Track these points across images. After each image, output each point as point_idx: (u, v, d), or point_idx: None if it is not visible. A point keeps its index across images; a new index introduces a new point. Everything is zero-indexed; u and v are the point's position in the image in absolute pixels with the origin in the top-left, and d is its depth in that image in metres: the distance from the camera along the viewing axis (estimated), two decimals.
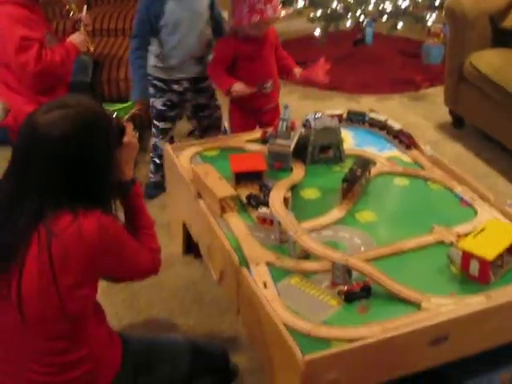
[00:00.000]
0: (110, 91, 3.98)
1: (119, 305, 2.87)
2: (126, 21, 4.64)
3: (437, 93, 4.85)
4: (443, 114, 4.54)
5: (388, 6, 4.99)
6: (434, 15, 5.14)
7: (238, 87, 3.22)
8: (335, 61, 5.31)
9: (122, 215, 2.12)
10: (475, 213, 2.57)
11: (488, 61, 4.04)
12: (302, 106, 4.61)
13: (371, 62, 5.40)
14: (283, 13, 3.32)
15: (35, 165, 1.80)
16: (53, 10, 4.62)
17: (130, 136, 2.13)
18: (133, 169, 2.17)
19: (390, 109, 4.67)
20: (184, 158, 2.91)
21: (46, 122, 1.78)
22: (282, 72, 3.43)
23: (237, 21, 3.22)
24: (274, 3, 3.17)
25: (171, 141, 3.59)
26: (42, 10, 3.54)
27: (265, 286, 2.15)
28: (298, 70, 3.41)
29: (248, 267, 2.23)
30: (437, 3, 5.10)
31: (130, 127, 2.14)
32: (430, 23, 5.16)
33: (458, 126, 4.45)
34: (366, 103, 4.77)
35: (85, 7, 3.80)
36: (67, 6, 3.71)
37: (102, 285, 1.98)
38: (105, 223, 1.84)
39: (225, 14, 3.70)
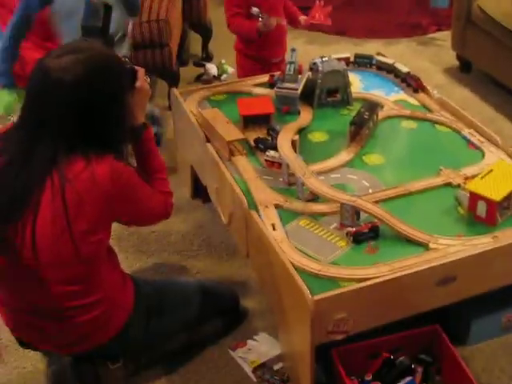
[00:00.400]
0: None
1: (130, 249, 2.90)
2: None
3: (444, 37, 4.81)
4: (450, 58, 4.51)
5: None
6: None
7: (264, 24, 3.17)
8: (341, 5, 5.28)
9: (133, 161, 2.14)
10: (483, 155, 2.57)
11: (496, 4, 3.99)
12: (309, 51, 4.58)
13: (377, 5, 5.33)
14: None
15: (48, 110, 1.80)
16: None
17: (142, 80, 2.12)
18: (145, 113, 2.18)
19: (397, 53, 4.64)
20: (192, 102, 2.91)
21: (58, 66, 1.78)
22: (289, 21, 3.41)
23: None
24: None
25: None
26: None
27: (273, 227, 2.17)
28: (302, 18, 3.38)
29: (257, 210, 2.25)
30: None
31: (141, 72, 2.13)
32: None
33: (465, 71, 4.42)
34: (372, 48, 4.73)
35: None
36: None
37: (113, 230, 2.00)
38: (117, 168, 1.85)
39: None
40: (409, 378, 2.10)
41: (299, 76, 2.81)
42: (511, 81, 3.99)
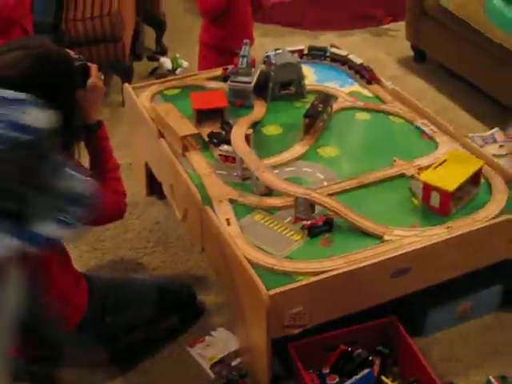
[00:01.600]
0: (68, 33, 3.89)
1: (84, 247, 2.86)
2: None
3: (398, 27, 4.81)
4: (405, 48, 4.52)
5: None
6: None
7: None
8: None
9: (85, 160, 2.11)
10: (436, 145, 2.58)
11: None
12: (263, 44, 4.55)
13: None
14: None
15: None
16: None
17: (95, 78, 2.08)
18: (99, 111, 2.14)
19: (352, 45, 4.63)
20: (144, 97, 2.87)
21: (4, 63, 1.75)
22: (257, 4, 3.39)
23: None
24: None
25: None
26: None
27: (228, 222, 2.16)
28: None
29: (211, 205, 2.24)
30: None
31: (94, 69, 2.09)
32: None
33: (419, 61, 4.44)
34: (327, 40, 4.72)
35: None
36: None
37: None
38: None
39: None
40: (366, 370, 2.10)
41: (253, 69, 2.79)
42: (465, 70, 4.02)
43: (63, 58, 1.89)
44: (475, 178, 2.31)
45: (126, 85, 2.99)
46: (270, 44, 4.49)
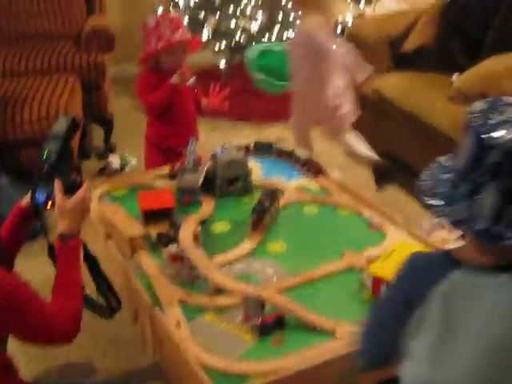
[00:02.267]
0: (14, 134, 3.90)
1: (32, 353, 2.79)
2: (30, 61, 4.57)
3: None
4: None
5: (291, 35, 5.04)
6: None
7: (178, 74, 3.19)
8: (243, 91, 5.36)
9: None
10: (384, 236, 2.60)
11: (390, 84, 4.12)
12: (212, 138, 4.60)
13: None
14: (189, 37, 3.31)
15: None
16: None
17: (84, 192, 2.14)
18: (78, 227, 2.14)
19: None
20: (92, 198, 2.86)
21: None
22: (196, 108, 3.44)
23: (147, 51, 3.23)
24: (182, 31, 3.19)
25: None
26: None
27: (178, 325, 2.12)
28: (204, 101, 3.42)
29: (161, 307, 2.21)
30: (338, 30, 5.18)
31: (87, 186, 2.16)
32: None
33: None
34: (276, 131, 4.80)
35: None
36: None
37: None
38: (1, 280, 1.78)
39: None
40: None
41: (199, 166, 2.81)
42: (409, 159, 4.09)
43: None
44: None
45: None
46: (219, 138, 4.55)
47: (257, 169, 3.07)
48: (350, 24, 5.02)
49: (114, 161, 4.28)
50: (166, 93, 3.22)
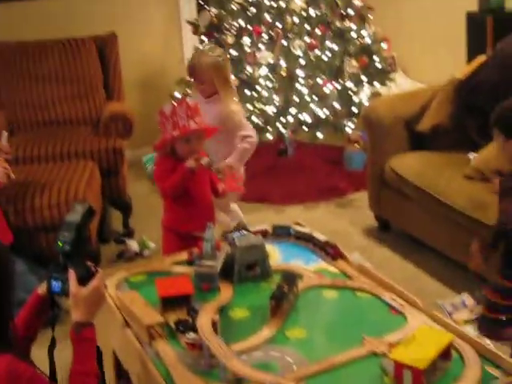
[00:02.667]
0: (33, 219, 3.93)
1: None
2: (49, 146, 4.65)
3: (361, 198, 4.92)
4: (369, 218, 4.60)
5: (307, 117, 5.10)
6: (352, 123, 5.27)
7: (190, 162, 3.21)
8: (260, 173, 5.41)
9: None
10: (405, 319, 2.56)
11: (407, 164, 4.14)
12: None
13: (296, 171, 5.48)
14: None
15: None
16: None
17: (99, 281, 2.15)
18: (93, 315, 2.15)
19: (318, 217, 4.73)
20: (110, 284, 2.86)
21: None
22: (213, 192, 3.45)
23: (162, 138, 3.26)
24: (198, 119, 3.22)
25: None
26: None
27: None
28: (221, 185, 3.44)
29: None
30: (354, 111, 5.23)
31: (101, 275, 2.18)
32: (349, 131, 5.28)
33: (384, 230, 4.51)
34: (293, 213, 4.82)
35: (5, 135, 3.80)
36: None
37: None
38: (16, 369, 1.77)
39: None
40: None
41: (218, 252, 2.81)
42: (428, 237, 4.08)
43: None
44: (446, 352, 2.28)
45: None
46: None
47: (275, 253, 3.06)
48: (365, 104, 5.06)
49: (133, 245, 4.31)
50: (180, 177, 3.24)
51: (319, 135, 5.17)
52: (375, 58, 5.36)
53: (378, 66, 5.37)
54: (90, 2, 5.84)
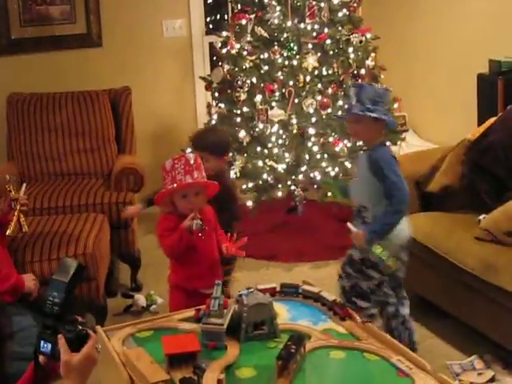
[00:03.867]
0: (41, 271, 3.91)
1: None
2: (60, 199, 4.67)
3: None
4: None
5: (317, 175, 5.11)
6: None
7: (186, 222, 3.19)
8: (269, 230, 5.41)
9: None
10: (413, 382, 2.53)
11: (417, 225, 4.11)
12: (238, 278, 4.61)
13: (305, 229, 5.47)
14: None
15: None
16: None
17: (92, 347, 2.09)
18: (86, 380, 2.10)
19: (327, 275, 4.69)
20: (116, 340, 2.84)
21: None
22: (218, 249, 3.44)
23: (160, 192, 3.28)
24: (196, 174, 3.22)
25: None
26: None
27: None
28: (224, 246, 3.41)
29: None
30: None
31: (94, 339, 2.11)
32: None
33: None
34: (301, 271, 4.79)
35: (23, 186, 3.82)
36: (8, 186, 3.73)
37: None
38: None
39: None
40: None
41: (225, 310, 2.79)
42: (437, 298, 4.05)
43: None
44: None
45: (98, 327, 2.97)
46: (245, 278, 4.54)
47: (283, 312, 3.04)
48: None
49: (140, 300, 4.29)
50: (178, 237, 3.22)
51: (329, 194, 5.17)
52: None
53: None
54: (104, 55, 5.93)
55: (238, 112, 5.23)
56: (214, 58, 6.27)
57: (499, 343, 3.63)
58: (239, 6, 5.41)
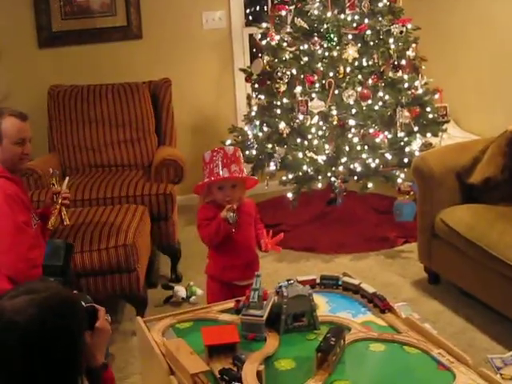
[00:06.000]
0: (82, 263, 3.94)
1: None
2: (101, 190, 4.70)
3: (411, 249, 4.88)
4: (419, 270, 4.55)
5: (358, 166, 5.08)
6: (403, 173, 5.24)
7: (223, 212, 3.21)
8: (309, 221, 5.39)
9: None
10: (453, 376, 2.51)
11: (458, 217, 4.09)
12: (278, 269, 4.61)
13: (345, 220, 5.45)
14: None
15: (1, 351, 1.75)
16: (27, 180, 4.66)
17: (103, 320, 2.09)
18: (103, 354, 2.12)
19: (366, 267, 4.68)
20: (156, 331, 2.85)
21: (12, 307, 1.75)
22: (256, 243, 3.44)
23: (199, 184, 3.31)
24: (235, 168, 3.24)
25: None
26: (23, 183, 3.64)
27: None
28: (263, 241, 3.40)
29: None
30: (405, 161, 5.20)
31: (102, 311, 2.11)
32: (399, 181, 5.25)
33: (433, 283, 4.45)
34: (341, 263, 4.78)
35: (66, 180, 3.86)
36: (51, 179, 3.78)
37: None
38: None
39: None
40: None
41: (264, 302, 2.80)
42: (479, 291, 4.01)
43: (70, 302, 1.89)
44: None
45: (139, 318, 2.99)
46: (285, 269, 4.55)
47: (322, 303, 3.03)
48: (416, 155, 5.03)
49: (180, 291, 4.31)
50: (215, 227, 3.26)
51: (369, 185, 5.14)
52: (427, 108, 5.33)
53: (430, 116, 5.34)
54: (144, 47, 5.95)
55: (278, 103, 5.21)
56: (254, 50, 6.25)
57: None
58: None
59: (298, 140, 5.11)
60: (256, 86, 5.50)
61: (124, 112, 5.31)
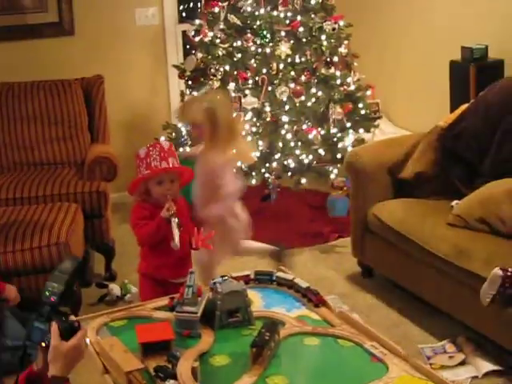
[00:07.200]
0: (14, 261, 3.88)
1: None
2: (32, 188, 4.63)
3: (345, 244, 4.92)
4: (352, 264, 4.60)
5: (291, 163, 5.11)
6: (336, 169, 5.29)
7: (163, 211, 3.19)
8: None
9: None
10: (386, 368, 2.55)
11: (390, 211, 4.15)
12: None
13: (280, 216, 5.47)
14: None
15: None
16: None
17: (81, 338, 2.12)
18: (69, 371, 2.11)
19: (301, 262, 4.71)
20: (90, 329, 2.82)
21: None
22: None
23: (135, 179, 3.28)
24: (172, 161, 3.24)
25: None
26: None
27: None
28: (194, 239, 3.39)
29: None
30: (338, 157, 5.26)
31: (84, 332, 2.16)
32: (333, 177, 5.30)
33: (367, 276, 4.51)
34: None
35: None
36: None
37: None
38: None
39: None
40: None
41: (199, 298, 2.79)
42: (411, 284, 4.08)
43: None
44: None
45: (72, 316, 2.95)
46: (219, 266, 4.53)
47: (257, 299, 3.04)
48: (348, 151, 5.08)
49: (115, 289, 4.28)
50: (156, 227, 3.24)
51: (303, 181, 5.18)
52: (360, 104, 5.40)
53: (363, 112, 5.41)
54: (76, 44, 5.87)
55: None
56: (187, 47, 6.24)
57: (472, 327, 3.67)
58: None
59: None
60: (189, 82, 5.50)
61: (56, 109, 5.23)
